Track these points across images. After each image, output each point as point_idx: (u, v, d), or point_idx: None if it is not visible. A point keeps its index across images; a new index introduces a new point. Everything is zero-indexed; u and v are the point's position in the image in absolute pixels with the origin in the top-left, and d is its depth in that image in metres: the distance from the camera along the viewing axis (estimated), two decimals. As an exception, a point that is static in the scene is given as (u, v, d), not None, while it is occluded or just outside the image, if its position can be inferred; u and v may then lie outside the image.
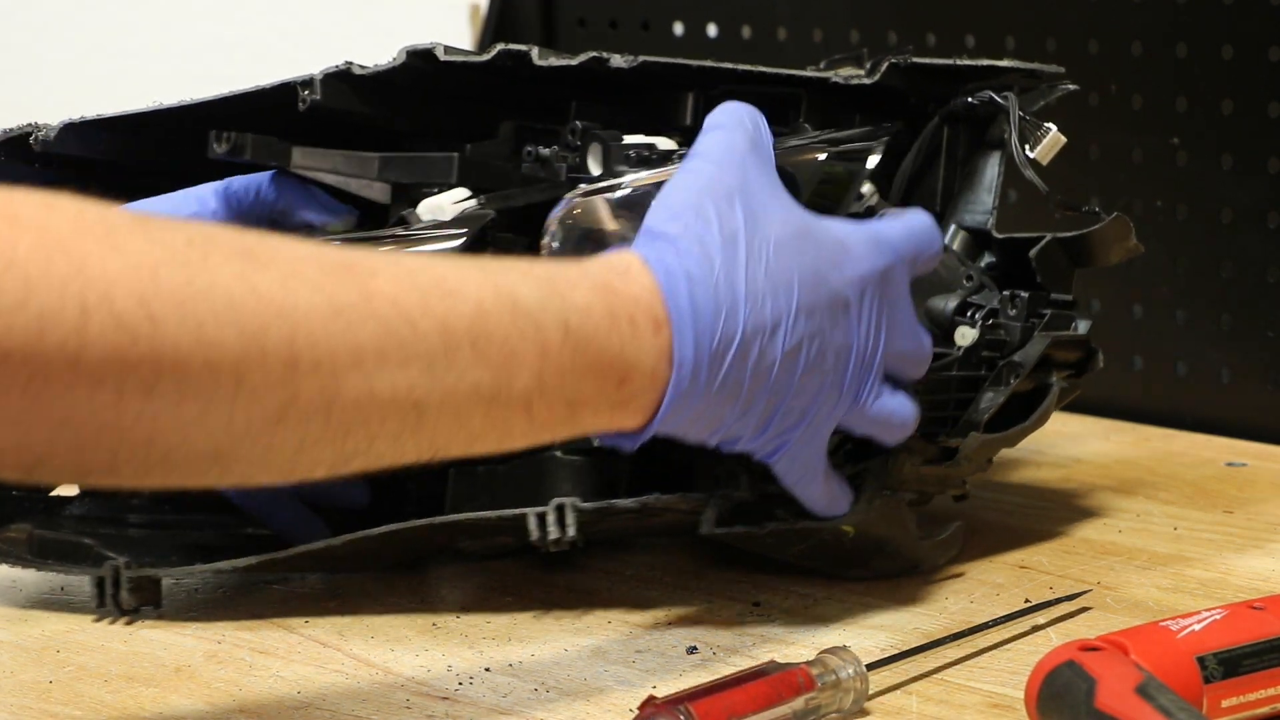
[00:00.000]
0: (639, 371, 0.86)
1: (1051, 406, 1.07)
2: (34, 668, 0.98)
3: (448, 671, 0.97)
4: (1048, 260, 1.07)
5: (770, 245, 0.90)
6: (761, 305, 0.89)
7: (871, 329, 0.93)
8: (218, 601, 1.06)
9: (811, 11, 1.41)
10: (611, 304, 0.86)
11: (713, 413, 0.89)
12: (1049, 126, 1.05)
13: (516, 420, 0.84)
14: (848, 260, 0.92)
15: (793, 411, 0.91)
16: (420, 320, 0.80)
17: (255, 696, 0.95)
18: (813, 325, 0.90)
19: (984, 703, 0.92)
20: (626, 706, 0.92)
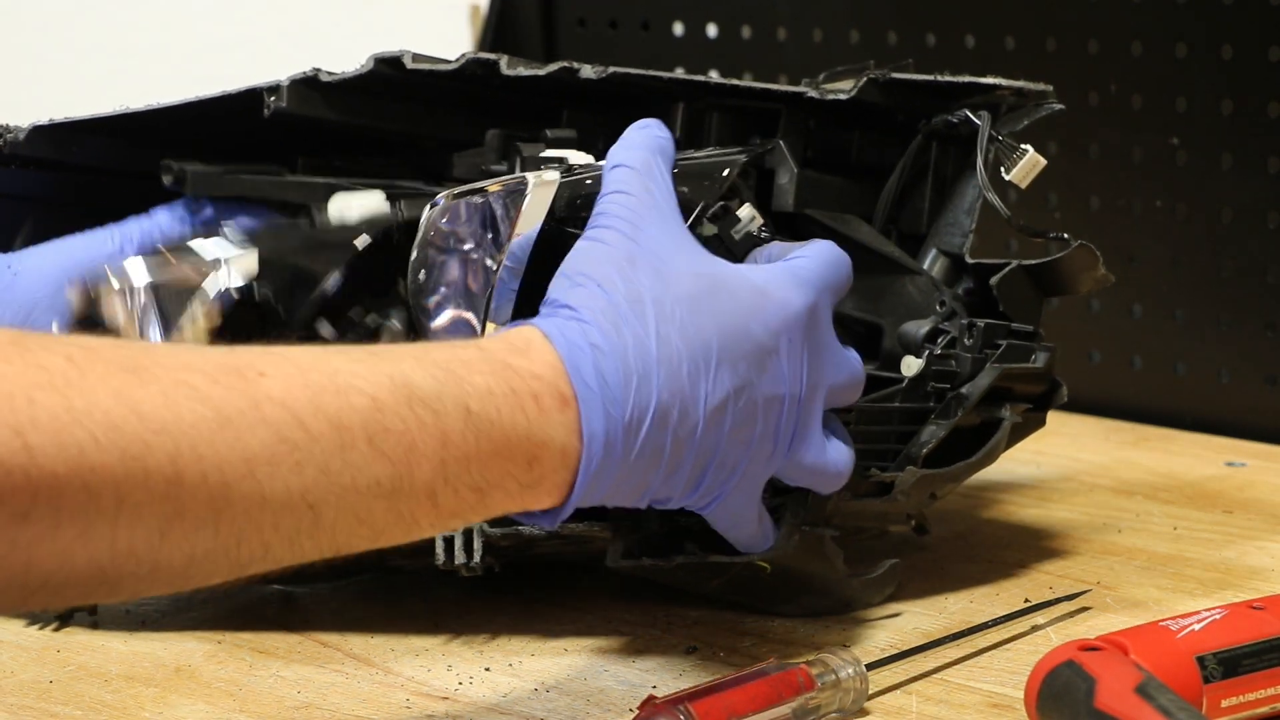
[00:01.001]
0: (549, 450, 0.83)
1: (1002, 443, 1.02)
2: (34, 668, 0.98)
3: (448, 671, 0.97)
4: (1011, 289, 1.03)
5: (683, 304, 0.86)
6: (678, 367, 0.86)
7: (801, 372, 0.89)
8: (218, 601, 1.06)
9: (811, 11, 1.41)
10: (513, 384, 0.83)
11: (635, 480, 0.86)
12: (1025, 148, 1.01)
13: (421, 512, 0.81)
14: (769, 306, 0.88)
15: (724, 467, 0.88)
16: (312, 421, 0.77)
17: (255, 696, 0.95)
18: (737, 379, 0.87)
19: (984, 703, 0.92)
20: (626, 706, 0.92)
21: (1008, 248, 1.37)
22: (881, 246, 1.03)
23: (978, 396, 1.01)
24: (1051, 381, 1.04)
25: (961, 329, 1.02)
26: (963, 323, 1.02)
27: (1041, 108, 1.05)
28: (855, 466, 0.97)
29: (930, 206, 1.06)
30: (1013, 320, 1.03)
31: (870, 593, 1.02)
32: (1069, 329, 1.35)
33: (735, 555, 0.96)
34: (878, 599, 1.02)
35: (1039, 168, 1.01)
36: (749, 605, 1.01)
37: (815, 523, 0.98)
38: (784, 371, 0.88)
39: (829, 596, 1.01)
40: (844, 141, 1.06)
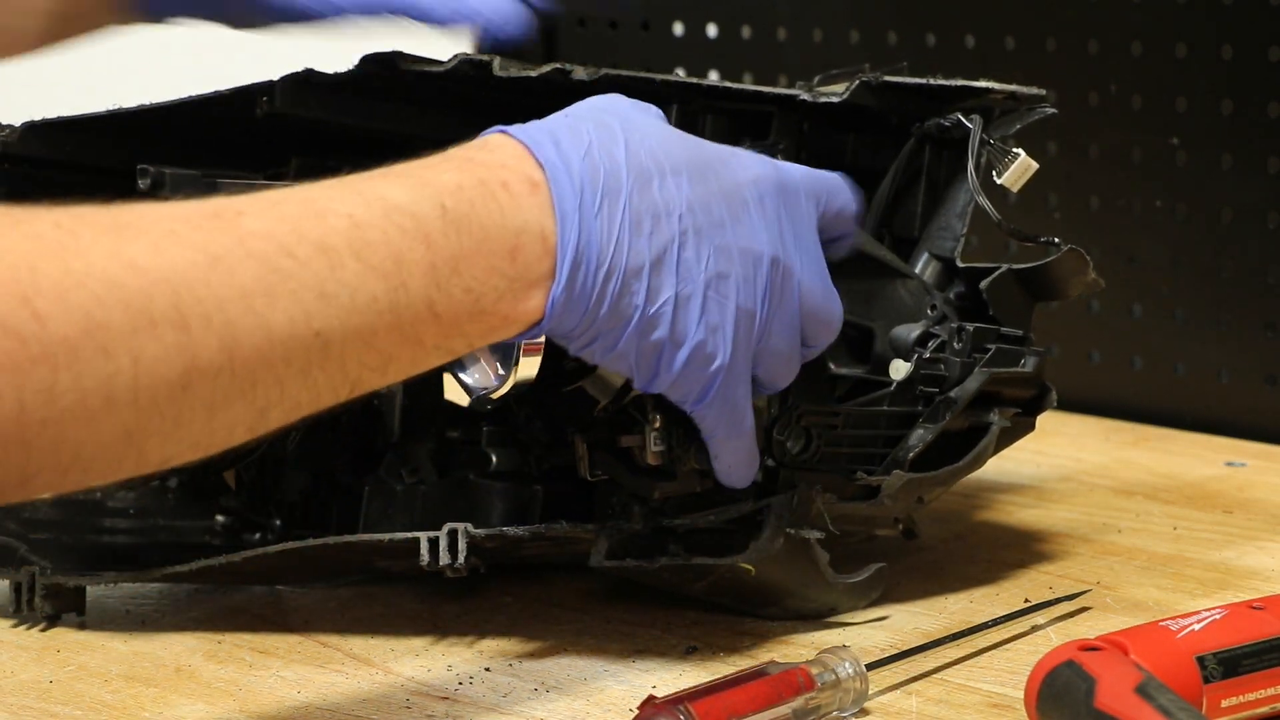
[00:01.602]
0: (528, 237, 0.83)
1: (990, 447, 1.02)
2: (34, 668, 0.98)
3: (448, 671, 0.97)
4: (1001, 293, 1.02)
5: (652, 135, 0.88)
6: (647, 177, 0.87)
7: (778, 237, 0.89)
8: (218, 601, 1.06)
9: (811, 11, 1.41)
10: (480, 175, 0.83)
11: (619, 291, 0.85)
12: (1017, 152, 1.01)
13: (424, 327, 0.81)
14: (738, 161, 0.89)
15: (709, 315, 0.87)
16: (297, 248, 0.78)
17: (255, 696, 0.95)
18: (710, 216, 0.88)
19: (984, 703, 0.92)
20: (626, 706, 0.92)
21: (1006, 249, 1.37)
22: (873, 250, 1.02)
23: (965, 400, 1.00)
24: (1041, 386, 1.04)
25: (951, 333, 1.01)
26: (952, 326, 1.01)
27: (1035, 111, 1.04)
28: (841, 470, 0.98)
29: (923, 210, 1.05)
30: (1003, 324, 1.02)
31: (856, 597, 1.01)
32: (1069, 329, 1.35)
33: (720, 557, 0.96)
34: (864, 603, 1.01)
35: (1031, 171, 1.01)
36: (733, 608, 1.01)
37: (801, 525, 0.97)
38: (758, 226, 0.89)
39: (814, 600, 1.00)
40: (839, 144, 1.05)
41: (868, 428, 1.00)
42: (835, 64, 1.39)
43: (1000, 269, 1.02)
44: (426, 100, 1.04)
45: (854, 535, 1.03)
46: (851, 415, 0.99)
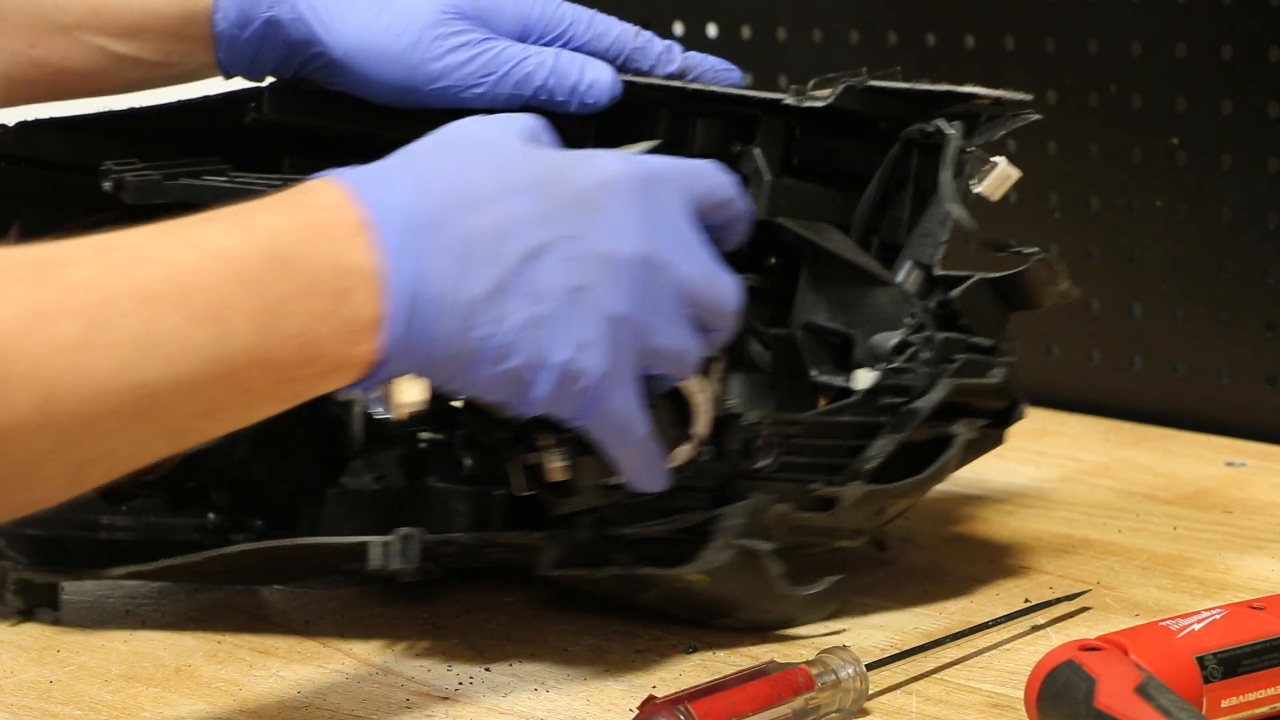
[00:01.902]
0: (356, 279, 0.81)
1: (953, 460, 1.00)
2: (34, 668, 0.98)
3: (448, 671, 0.97)
4: (973, 302, 1.00)
5: (494, 156, 0.86)
6: (484, 201, 0.84)
7: (645, 235, 0.86)
8: (218, 601, 1.06)
9: (811, 11, 1.41)
10: (306, 218, 0.81)
11: (464, 320, 0.83)
12: (996, 160, 0.99)
13: (254, 377, 0.80)
14: (590, 166, 0.86)
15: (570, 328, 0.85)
16: (120, 298, 0.77)
17: (255, 696, 0.95)
18: (559, 227, 0.85)
19: (984, 703, 0.92)
20: (626, 706, 0.92)
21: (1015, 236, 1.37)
22: (854, 256, 1.02)
23: (928, 411, 0.98)
24: (1011, 398, 1.02)
25: (921, 342, 1.00)
26: (923, 336, 1.00)
27: (1019, 117, 1.02)
28: (798, 481, 0.97)
29: (910, 216, 1.04)
30: (976, 334, 1.01)
31: (811, 610, 0.99)
32: (1069, 329, 1.35)
33: (667, 568, 0.96)
34: (819, 616, 1.00)
35: (1011, 180, 1.00)
36: (685, 619, 1.00)
37: (752, 536, 0.96)
38: (619, 229, 0.86)
39: (769, 612, 0.99)
40: (830, 149, 1.05)
41: (828, 437, 0.99)
42: (835, 64, 1.39)
43: (973, 278, 1.00)
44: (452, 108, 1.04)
45: (814, 547, 1.01)
46: (811, 424, 0.98)
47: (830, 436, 0.99)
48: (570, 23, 1.02)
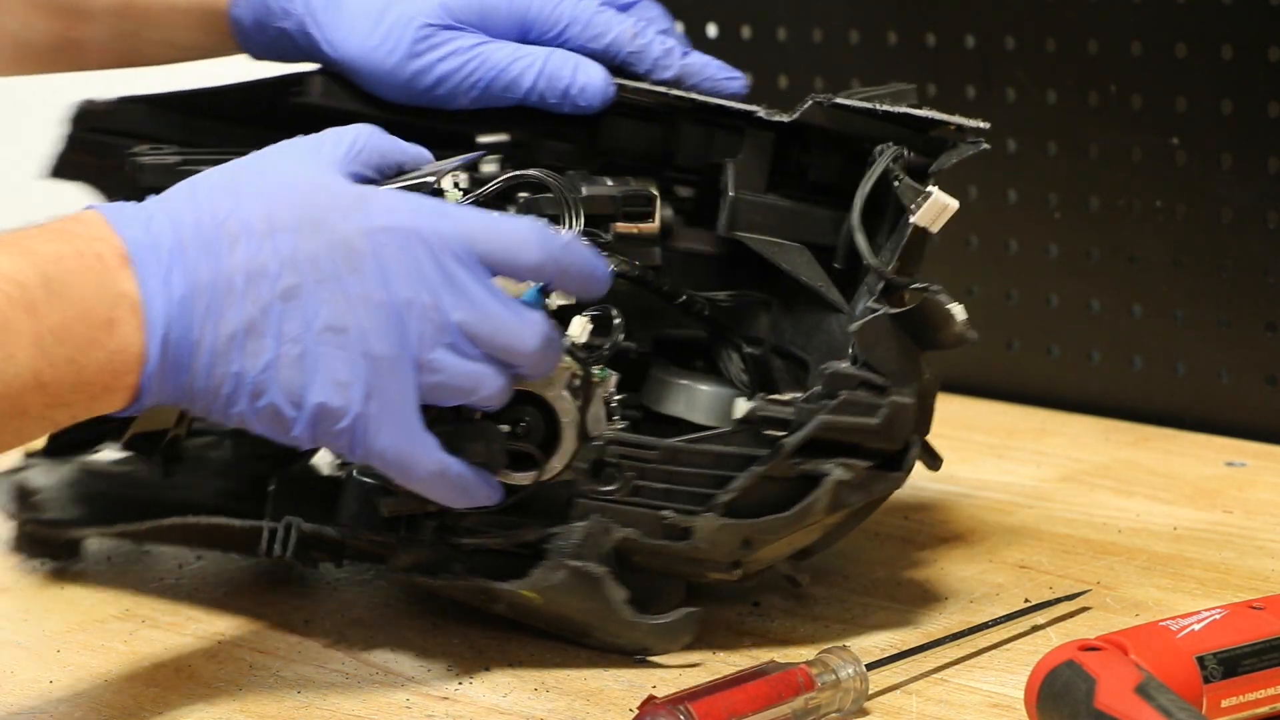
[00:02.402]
0: (124, 310, 0.84)
1: (823, 501, 0.95)
2: (34, 668, 0.98)
3: (448, 671, 0.97)
4: (873, 336, 0.95)
5: (270, 191, 0.87)
6: (247, 239, 0.85)
7: (418, 281, 0.86)
8: (218, 601, 1.06)
9: (811, 11, 1.41)
10: (78, 245, 0.84)
11: (221, 354, 0.85)
12: (929, 190, 0.95)
13: (31, 397, 0.82)
14: (367, 210, 0.87)
15: (331, 370, 0.86)
16: None
17: (255, 696, 0.95)
18: (319, 271, 0.86)
19: (984, 703, 0.92)
20: (626, 706, 0.92)
21: (1016, 232, 1.37)
22: (810, 279, 1.00)
23: (792, 447, 0.95)
24: (902, 441, 0.97)
25: (815, 374, 0.97)
26: (820, 369, 0.97)
27: (967, 146, 0.98)
28: (650, 507, 0.95)
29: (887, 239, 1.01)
30: (879, 370, 0.96)
31: (664, 639, 0.97)
32: (1069, 329, 1.35)
33: (502, 581, 0.95)
34: (675, 646, 0.98)
35: (948, 211, 0.95)
36: (551, 634, 0.99)
37: (589, 559, 0.95)
38: (390, 274, 0.86)
39: (619, 637, 0.97)
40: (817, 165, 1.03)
41: (689, 465, 0.96)
42: (835, 64, 1.40)
43: (876, 312, 0.96)
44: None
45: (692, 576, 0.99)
46: (668, 451, 0.96)
47: (691, 465, 0.96)
48: (568, 22, 1.03)
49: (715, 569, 0.97)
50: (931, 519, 1.15)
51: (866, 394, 0.95)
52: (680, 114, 1.03)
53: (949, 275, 1.39)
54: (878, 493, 0.98)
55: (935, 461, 1.03)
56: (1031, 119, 1.33)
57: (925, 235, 0.95)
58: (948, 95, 1.36)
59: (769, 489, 0.96)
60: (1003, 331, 1.38)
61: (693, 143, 1.04)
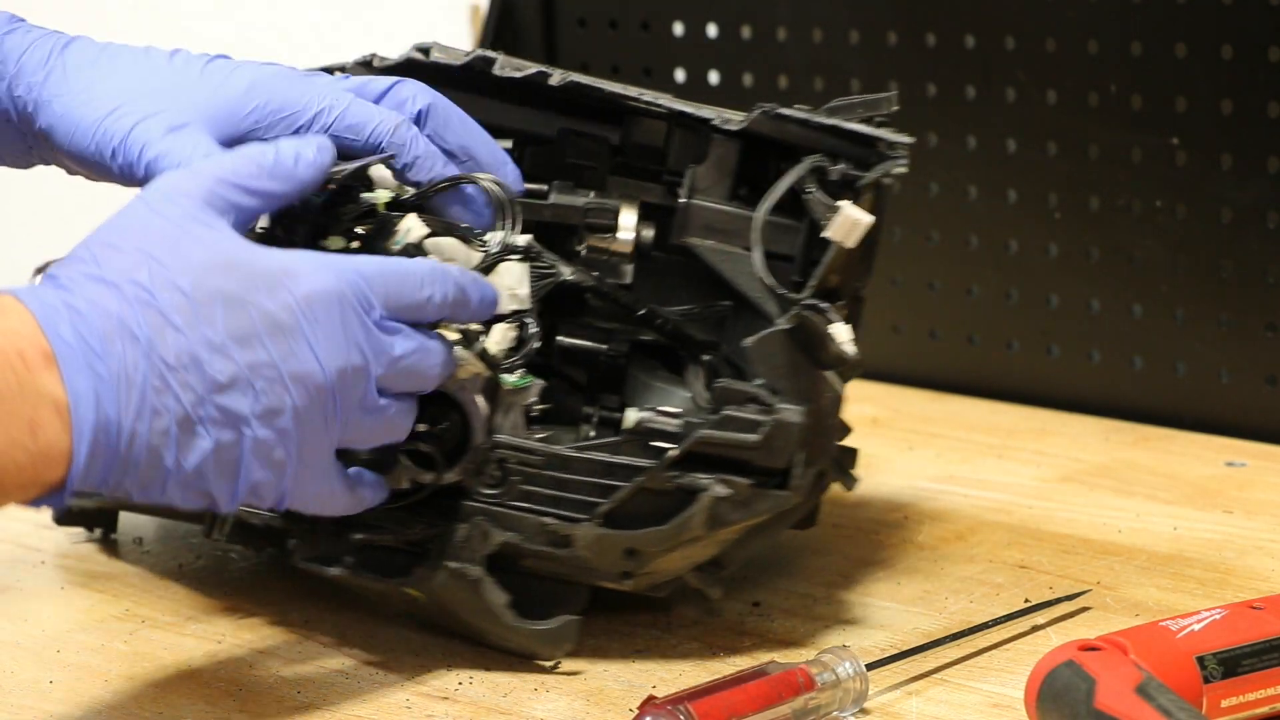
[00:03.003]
0: (45, 411, 0.82)
1: (699, 516, 0.95)
2: (34, 668, 0.98)
3: (448, 671, 0.97)
4: (764, 352, 0.95)
5: (189, 274, 0.84)
6: (175, 325, 0.84)
7: (343, 347, 0.86)
8: (218, 601, 1.06)
9: (811, 11, 1.41)
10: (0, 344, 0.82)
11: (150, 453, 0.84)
12: (839, 205, 0.95)
13: None
14: (289, 283, 0.86)
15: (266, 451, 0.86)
16: None
17: (255, 696, 0.95)
18: (252, 354, 0.85)
19: (984, 703, 0.92)
20: (626, 706, 0.92)
21: (1016, 230, 1.37)
22: (747, 289, 0.99)
23: (669, 461, 0.95)
24: (790, 457, 0.96)
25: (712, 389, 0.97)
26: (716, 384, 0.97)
27: (886, 162, 0.97)
28: (535, 513, 0.95)
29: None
30: (774, 386, 0.95)
31: (546, 644, 0.97)
32: (1069, 329, 1.35)
33: (388, 576, 0.96)
34: (558, 652, 0.97)
35: (861, 226, 0.95)
36: (450, 633, 0.99)
37: (468, 561, 0.95)
38: (314, 350, 0.86)
39: (506, 640, 0.97)
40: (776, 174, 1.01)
41: (582, 474, 0.96)
42: (835, 64, 1.40)
43: (771, 329, 0.96)
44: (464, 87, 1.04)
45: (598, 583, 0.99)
46: (553, 458, 0.96)
47: (580, 473, 0.96)
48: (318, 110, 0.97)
49: (605, 578, 0.97)
50: (931, 519, 1.15)
51: (754, 410, 0.95)
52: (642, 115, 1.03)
53: (949, 275, 1.39)
54: (761, 511, 0.96)
55: (850, 481, 1.03)
56: (1031, 119, 1.33)
57: (842, 250, 0.95)
58: (948, 95, 1.36)
59: (651, 501, 0.95)
60: (1003, 331, 1.38)
61: (682, 145, 1.03)
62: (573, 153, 1.03)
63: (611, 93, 1.01)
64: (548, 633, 0.97)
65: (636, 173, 1.03)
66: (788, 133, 0.99)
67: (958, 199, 1.38)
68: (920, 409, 1.37)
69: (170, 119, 0.95)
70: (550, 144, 1.04)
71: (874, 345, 1.43)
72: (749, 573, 1.07)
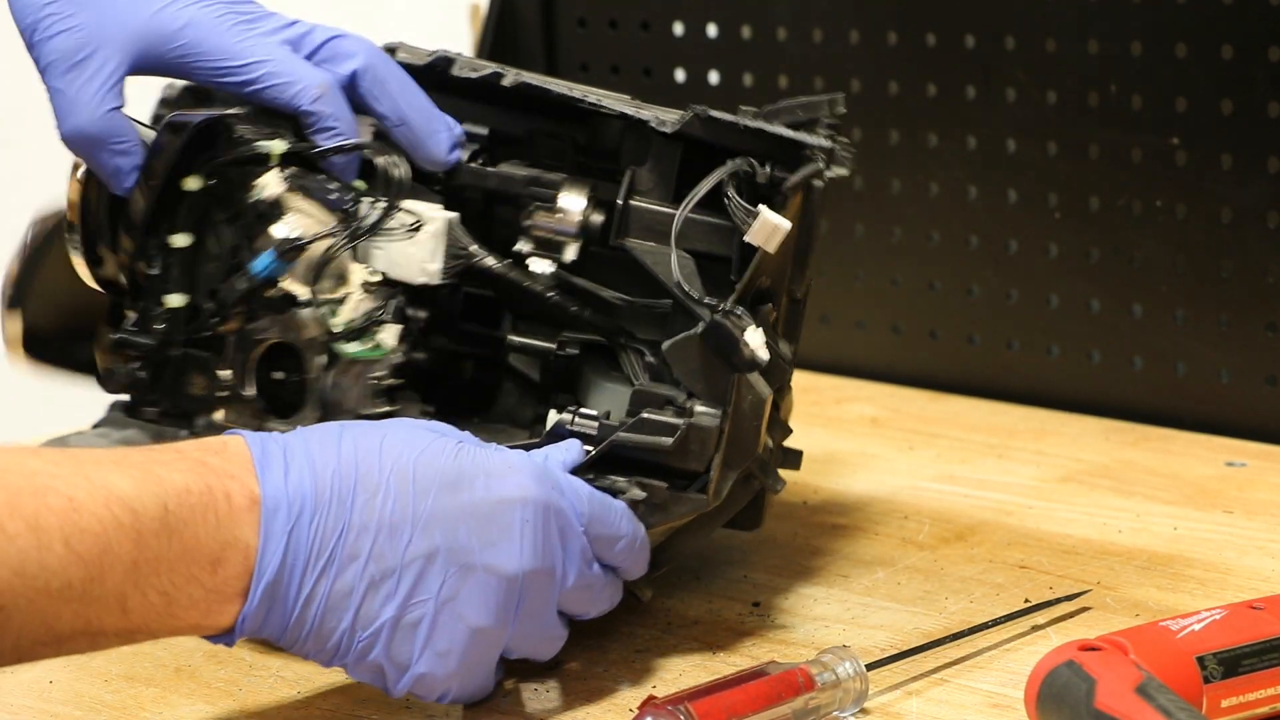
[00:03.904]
0: (234, 551, 0.83)
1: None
2: (34, 668, 0.98)
3: (448, 671, 0.97)
4: (680, 356, 0.96)
5: (407, 450, 0.86)
6: (377, 494, 0.85)
7: (537, 554, 0.88)
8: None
9: (811, 11, 1.41)
10: (209, 480, 0.83)
11: (324, 612, 0.85)
12: (757, 210, 0.95)
13: (109, 619, 0.81)
14: (505, 479, 0.88)
15: (438, 635, 0.87)
16: (9, 522, 0.78)
17: (255, 696, 0.95)
18: (457, 537, 0.86)
19: (984, 703, 0.92)
20: (626, 706, 0.92)
21: (1015, 229, 1.37)
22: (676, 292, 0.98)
23: (585, 464, 0.95)
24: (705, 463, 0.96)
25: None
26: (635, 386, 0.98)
27: (806, 168, 0.97)
28: None
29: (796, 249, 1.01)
30: (693, 390, 0.96)
31: None
32: (1069, 329, 1.35)
33: None
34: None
35: (780, 232, 0.94)
36: None
37: None
38: (515, 547, 0.87)
39: None
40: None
41: None
42: (835, 64, 1.40)
43: (690, 331, 0.96)
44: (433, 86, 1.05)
45: None
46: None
47: None
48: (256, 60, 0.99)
49: None
50: (931, 519, 1.15)
51: (670, 413, 0.96)
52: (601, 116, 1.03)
53: (949, 275, 1.39)
54: (680, 514, 0.96)
55: (776, 483, 1.02)
56: (1031, 119, 1.33)
57: (766, 254, 0.95)
58: (948, 95, 1.36)
59: None
60: (1003, 331, 1.38)
61: (630, 149, 1.03)
62: (541, 152, 1.04)
63: (559, 93, 1.02)
64: None
65: (596, 173, 1.04)
66: (720, 135, 0.99)
67: (958, 199, 1.38)
68: (920, 409, 1.37)
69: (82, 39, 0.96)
70: (519, 143, 1.05)
71: (874, 345, 1.44)
72: (749, 573, 1.07)
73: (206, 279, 0.99)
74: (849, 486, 1.21)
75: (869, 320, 1.44)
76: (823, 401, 1.38)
